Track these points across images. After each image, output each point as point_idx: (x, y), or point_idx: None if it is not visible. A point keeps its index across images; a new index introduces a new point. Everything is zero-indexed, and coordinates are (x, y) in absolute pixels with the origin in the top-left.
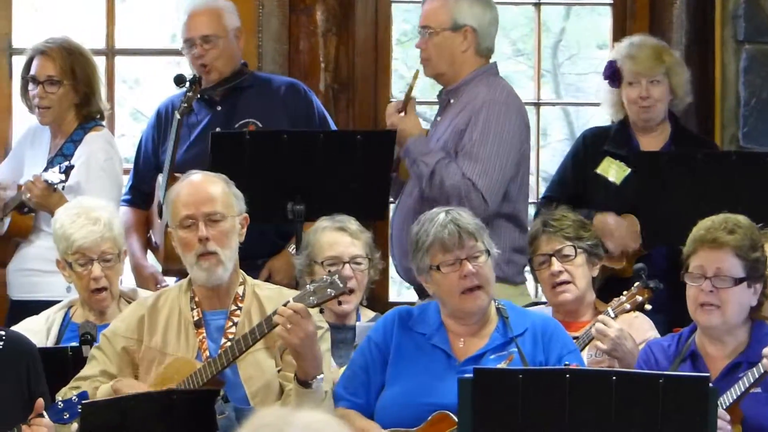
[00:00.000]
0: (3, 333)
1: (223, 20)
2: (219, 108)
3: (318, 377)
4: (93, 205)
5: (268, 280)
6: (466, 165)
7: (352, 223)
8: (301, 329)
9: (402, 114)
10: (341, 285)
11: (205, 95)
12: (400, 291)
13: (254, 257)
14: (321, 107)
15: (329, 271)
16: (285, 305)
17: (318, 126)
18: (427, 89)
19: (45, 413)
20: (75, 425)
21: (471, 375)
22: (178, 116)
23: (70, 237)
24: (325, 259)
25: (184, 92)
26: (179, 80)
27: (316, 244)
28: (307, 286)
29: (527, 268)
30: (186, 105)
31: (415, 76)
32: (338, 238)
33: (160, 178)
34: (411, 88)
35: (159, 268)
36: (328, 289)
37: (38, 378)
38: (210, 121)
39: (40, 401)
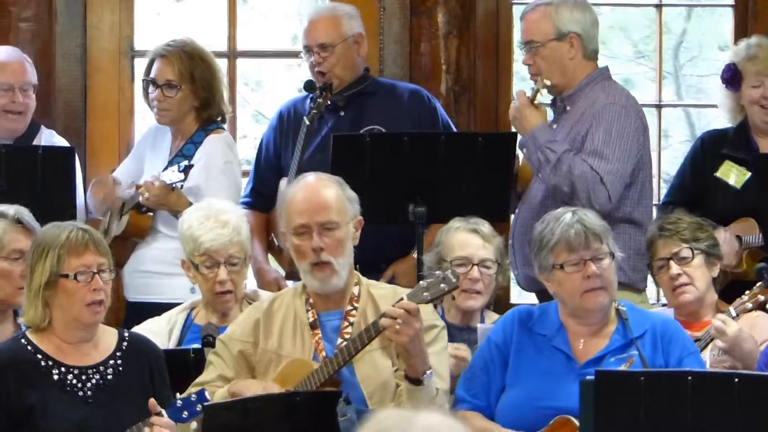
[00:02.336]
0: (126, 335)
1: (341, 27)
2: (342, 114)
3: (427, 372)
4: (222, 208)
5: (391, 282)
6: (590, 161)
7: (485, 227)
8: (411, 327)
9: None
10: (454, 280)
11: (329, 101)
12: (521, 292)
13: (378, 261)
14: (444, 114)
15: (441, 267)
16: (395, 305)
17: None
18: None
19: (164, 412)
20: (194, 424)
21: (593, 377)
22: (306, 122)
23: (198, 239)
24: (454, 258)
25: (308, 96)
26: (309, 86)
27: (447, 243)
28: (420, 282)
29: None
30: (316, 111)
31: (543, 84)
32: (470, 239)
33: (283, 183)
34: (541, 86)
35: (281, 271)
36: (441, 285)
37: (162, 380)
38: (334, 127)
39: (152, 401)
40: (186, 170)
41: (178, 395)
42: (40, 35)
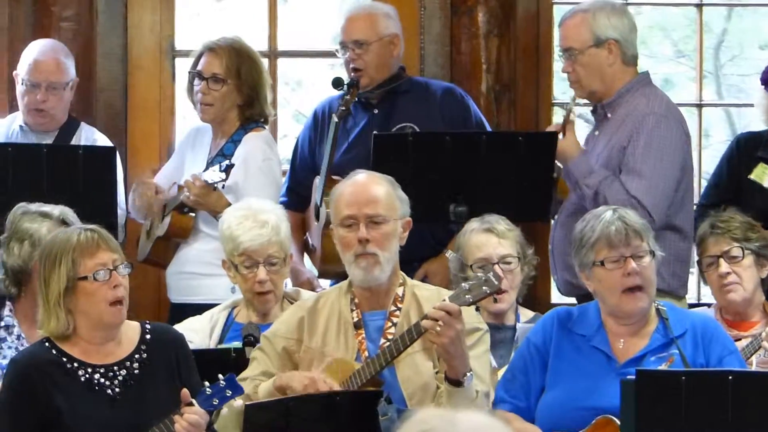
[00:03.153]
0: (148, 326)
1: (377, 26)
2: (376, 111)
3: (468, 374)
4: (261, 208)
5: (423, 281)
6: (629, 182)
7: (500, 223)
8: (452, 329)
9: (561, 136)
10: (496, 282)
11: (362, 98)
12: None
13: (410, 260)
14: (478, 112)
15: (483, 268)
16: (436, 307)
17: None
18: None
19: (194, 401)
20: (225, 409)
21: (633, 377)
22: (335, 119)
23: (237, 239)
24: (474, 261)
25: (341, 95)
26: (337, 83)
27: (466, 246)
28: (463, 284)
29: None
30: (344, 108)
31: (574, 99)
32: (485, 239)
33: (317, 181)
34: (570, 111)
35: (315, 271)
36: (484, 287)
37: (189, 368)
38: (367, 124)
39: (185, 391)
40: (227, 170)
41: (206, 383)
42: (81, 34)
